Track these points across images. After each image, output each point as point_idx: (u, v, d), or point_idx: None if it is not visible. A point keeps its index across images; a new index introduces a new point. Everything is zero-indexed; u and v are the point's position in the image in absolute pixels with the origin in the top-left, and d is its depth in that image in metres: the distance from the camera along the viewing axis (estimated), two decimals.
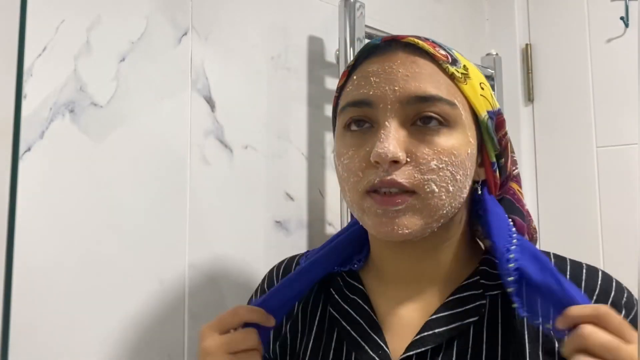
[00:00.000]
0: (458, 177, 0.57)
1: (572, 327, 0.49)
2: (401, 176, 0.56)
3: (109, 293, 0.74)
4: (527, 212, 0.69)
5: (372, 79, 0.59)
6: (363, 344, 0.60)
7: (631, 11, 1.28)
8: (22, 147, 0.68)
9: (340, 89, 0.65)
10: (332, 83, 1.04)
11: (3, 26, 0.68)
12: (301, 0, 1.02)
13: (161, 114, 0.82)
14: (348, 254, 0.67)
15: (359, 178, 0.58)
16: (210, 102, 0.87)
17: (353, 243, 0.68)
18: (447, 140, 0.57)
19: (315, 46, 1.03)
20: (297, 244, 0.96)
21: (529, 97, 1.41)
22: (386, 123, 0.57)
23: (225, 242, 0.87)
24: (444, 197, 0.57)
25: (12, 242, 0.67)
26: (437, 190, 0.56)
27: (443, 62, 0.59)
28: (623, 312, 0.59)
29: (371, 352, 0.59)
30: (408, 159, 0.56)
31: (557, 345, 0.57)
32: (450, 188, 0.57)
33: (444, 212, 0.58)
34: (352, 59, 0.67)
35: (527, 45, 1.42)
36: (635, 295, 0.61)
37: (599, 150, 1.31)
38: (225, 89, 0.89)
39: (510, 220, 0.63)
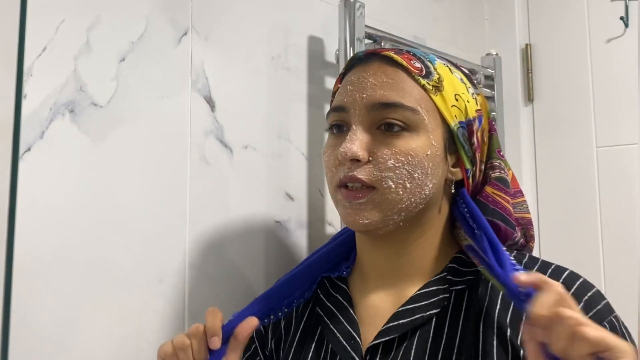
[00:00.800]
0: (416, 175, 0.64)
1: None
2: (361, 173, 0.64)
3: (109, 293, 0.74)
4: (529, 220, 0.75)
5: (348, 87, 0.68)
6: (338, 335, 0.67)
7: (631, 11, 1.28)
8: (22, 147, 0.68)
9: (334, 94, 0.73)
10: (332, 83, 1.04)
11: (3, 26, 0.68)
12: (301, 0, 1.02)
13: (161, 114, 0.82)
14: (337, 261, 0.75)
15: (333, 174, 0.68)
16: (210, 102, 0.87)
17: (342, 250, 0.76)
18: (406, 142, 0.64)
19: (315, 46, 1.03)
20: (297, 244, 0.96)
21: (529, 97, 1.41)
22: (353, 126, 0.66)
23: (225, 242, 0.87)
24: (401, 192, 0.64)
25: (12, 242, 0.67)
26: (393, 186, 0.64)
27: (415, 75, 0.66)
28: (581, 305, 0.62)
29: (344, 342, 0.66)
30: (370, 159, 0.64)
31: (509, 333, 0.62)
32: (408, 185, 0.64)
33: (403, 206, 0.65)
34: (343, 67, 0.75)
35: (527, 45, 1.42)
36: (636, 294, 0.62)
37: (599, 150, 1.31)
38: (225, 89, 0.89)
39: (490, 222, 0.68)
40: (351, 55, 0.96)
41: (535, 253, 0.76)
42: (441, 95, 0.67)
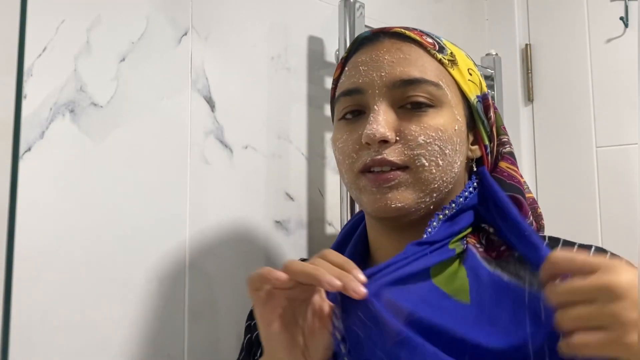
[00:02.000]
0: (447, 151, 0.61)
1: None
2: (392, 154, 0.60)
3: (108, 292, 0.74)
4: (533, 198, 0.71)
5: (361, 67, 0.64)
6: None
7: (631, 11, 1.28)
8: (22, 147, 0.68)
9: (336, 81, 0.70)
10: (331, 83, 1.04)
11: (3, 26, 0.68)
12: (301, 0, 1.02)
13: (161, 114, 0.82)
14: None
15: (353, 159, 0.63)
16: (210, 102, 0.87)
17: (357, 251, 0.70)
18: (433, 118, 0.61)
19: (315, 46, 1.03)
20: (297, 244, 0.96)
21: (529, 97, 1.41)
22: (375, 107, 0.61)
23: (225, 242, 0.87)
24: (434, 170, 0.61)
25: (12, 241, 0.67)
26: (427, 164, 0.60)
27: (430, 49, 0.64)
28: None
29: None
30: (397, 138, 0.61)
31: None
32: (440, 162, 0.61)
33: (436, 185, 0.61)
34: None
35: (527, 45, 1.42)
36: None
37: (599, 150, 1.31)
38: (225, 89, 0.89)
39: (511, 198, 0.65)
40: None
41: None
42: (458, 69, 0.65)
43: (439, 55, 0.64)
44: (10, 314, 0.66)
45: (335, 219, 1.01)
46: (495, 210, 0.63)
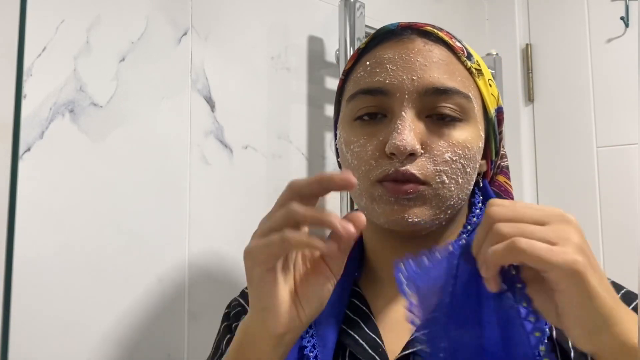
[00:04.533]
0: (468, 169, 0.58)
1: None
2: (415, 167, 0.56)
3: (109, 292, 0.74)
4: None
5: (388, 65, 0.58)
6: (362, 343, 0.59)
7: (631, 11, 1.28)
8: (22, 147, 0.68)
9: (348, 72, 0.63)
10: (332, 83, 1.04)
11: (3, 26, 0.68)
12: (301, 0, 1.02)
13: (161, 114, 0.82)
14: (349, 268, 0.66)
15: (371, 167, 0.58)
16: (210, 102, 0.87)
17: (353, 256, 0.66)
18: (461, 133, 0.57)
19: (315, 46, 1.03)
20: None
21: (529, 97, 1.41)
22: (402, 113, 0.56)
23: (225, 242, 0.87)
24: (453, 188, 0.57)
25: (12, 241, 0.67)
26: (447, 181, 0.57)
27: (461, 55, 0.59)
28: None
29: (370, 351, 0.58)
30: (422, 150, 0.56)
31: (554, 333, 0.55)
32: (460, 180, 0.58)
33: (452, 203, 0.58)
34: (361, 43, 0.64)
35: (527, 45, 1.42)
36: (636, 295, 0.61)
37: (599, 150, 1.31)
38: (225, 89, 0.89)
39: None
40: (351, 55, 0.95)
41: None
42: (483, 79, 0.61)
43: (469, 63, 0.60)
44: (10, 315, 0.66)
45: None
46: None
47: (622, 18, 1.28)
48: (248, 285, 0.50)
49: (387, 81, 0.57)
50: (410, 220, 0.57)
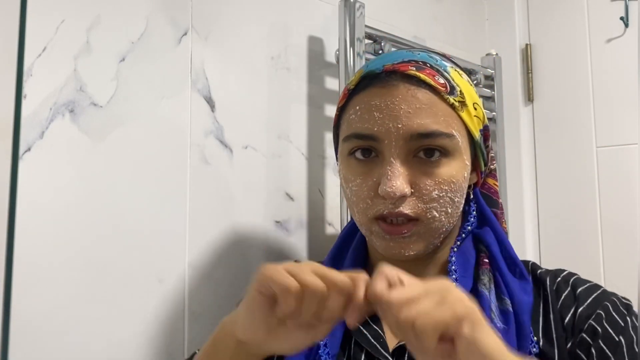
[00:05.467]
0: (456, 199, 0.64)
1: None
2: (407, 207, 0.62)
3: (109, 293, 0.74)
4: (501, 205, 0.77)
5: (375, 114, 0.63)
6: (366, 332, 0.66)
7: (631, 11, 1.28)
8: (22, 147, 0.68)
9: (341, 109, 0.69)
10: (332, 83, 1.04)
11: (3, 26, 0.68)
12: (301, 0, 1.02)
13: (161, 114, 0.82)
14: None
15: (367, 205, 0.64)
16: (210, 102, 0.87)
17: (359, 256, 0.72)
18: (446, 170, 0.63)
19: (315, 46, 1.03)
20: (297, 244, 0.96)
21: (529, 97, 1.41)
22: (391, 159, 0.62)
23: (225, 242, 0.87)
24: (443, 219, 0.64)
25: (12, 242, 0.67)
26: (437, 215, 0.63)
27: (443, 93, 0.63)
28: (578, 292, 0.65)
29: (373, 341, 0.65)
30: (412, 190, 0.62)
31: (541, 342, 0.63)
32: (449, 210, 0.64)
33: (443, 230, 0.65)
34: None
35: (527, 45, 1.42)
36: (636, 294, 0.63)
37: (599, 150, 1.31)
38: (225, 89, 0.89)
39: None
40: (351, 55, 0.95)
41: (535, 253, 0.77)
42: (467, 110, 0.65)
43: (451, 100, 0.64)
44: (10, 314, 0.66)
45: (335, 219, 1.01)
46: (492, 234, 0.69)
47: (622, 18, 1.28)
48: (248, 290, 0.53)
49: (376, 129, 0.63)
50: (407, 254, 0.64)
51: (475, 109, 0.67)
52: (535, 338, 0.63)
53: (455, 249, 0.68)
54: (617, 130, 1.29)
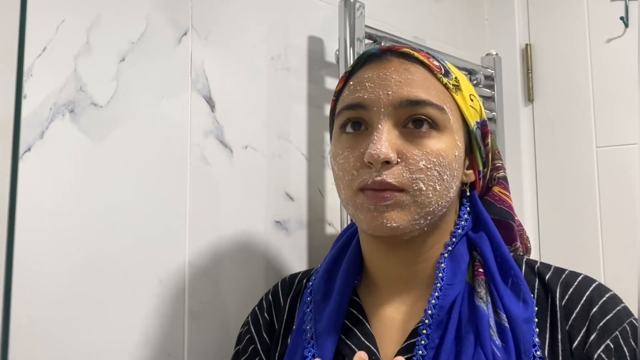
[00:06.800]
0: (445, 177, 0.62)
1: None
2: (391, 176, 0.60)
3: (108, 292, 0.74)
4: (519, 222, 0.74)
5: (367, 84, 0.64)
6: (357, 350, 0.63)
7: (631, 11, 1.28)
8: (22, 147, 0.68)
9: (338, 93, 0.70)
10: (332, 83, 1.04)
11: (3, 26, 0.68)
12: (301, 0, 1.02)
13: (161, 114, 0.82)
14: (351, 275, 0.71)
15: (352, 176, 0.63)
16: (210, 102, 0.87)
17: (353, 266, 0.70)
18: (435, 142, 0.62)
19: (315, 46, 1.03)
20: (297, 244, 0.96)
21: (529, 97, 1.41)
22: (379, 125, 0.61)
23: (225, 242, 0.87)
24: (430, 194, 0.62)
25: (12, 242, 0.67)
26: (424, 188, 0.61)
27: (437, 72, 0.64)
28: (595, 309, 0.62)
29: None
30: (399, 159, 0.61)
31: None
32: (438, 187, 0.62)
33: (431, 209, 0.62)
34: (350, 63, 0.70)
35: (527, 45, 1.42)
36: (636, 294, 0.62)
37: (599, 150, 1.31)
38: (225, 89, 0.89)
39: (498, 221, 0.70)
40: (351, 55, 0.96)
41: (535, 253, 0.77)
42: (461, 94, 0.65)
43: (445, 80, 0.64)
44: (10, 314, 0.66)
45: (335, 219, 1.01)
46: (487, 239, 0.67)
47: (621, 18, 1.28)
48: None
49: (366, 97, 0.63)
50: (389, 225, 0.61)
51: (472, 100, 0.67)
52: (538, 353, 0.60)
53: (446, 254, 0.65)
54: (617, 130, 1.29)
